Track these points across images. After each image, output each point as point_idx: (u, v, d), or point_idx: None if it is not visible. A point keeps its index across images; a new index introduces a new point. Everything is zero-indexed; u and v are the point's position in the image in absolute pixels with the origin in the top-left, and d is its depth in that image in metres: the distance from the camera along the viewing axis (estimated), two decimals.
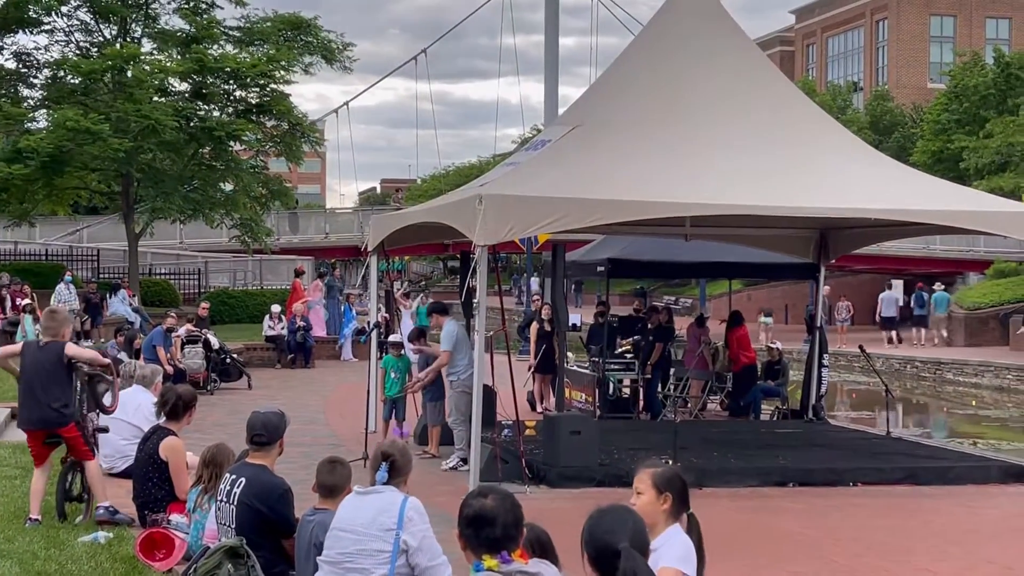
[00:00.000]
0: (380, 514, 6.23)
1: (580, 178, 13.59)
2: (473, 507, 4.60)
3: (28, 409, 9.74)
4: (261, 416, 7.47)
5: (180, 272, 40.89)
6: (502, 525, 4.55)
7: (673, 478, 5.38)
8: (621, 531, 4.36)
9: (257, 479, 7.26)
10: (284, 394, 22.70)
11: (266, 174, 36.38)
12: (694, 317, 22.53)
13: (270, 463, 7.45)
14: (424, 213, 16.25)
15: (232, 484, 7.29)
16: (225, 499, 7.29)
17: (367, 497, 6.36)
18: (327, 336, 30.86)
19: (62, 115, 28.96)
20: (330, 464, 6.96)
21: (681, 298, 59.60)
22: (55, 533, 9.33)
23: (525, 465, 13.50)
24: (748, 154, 13.95)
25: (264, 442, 7.41)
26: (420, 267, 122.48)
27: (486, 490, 4.69)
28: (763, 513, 12.50)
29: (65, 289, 28.65)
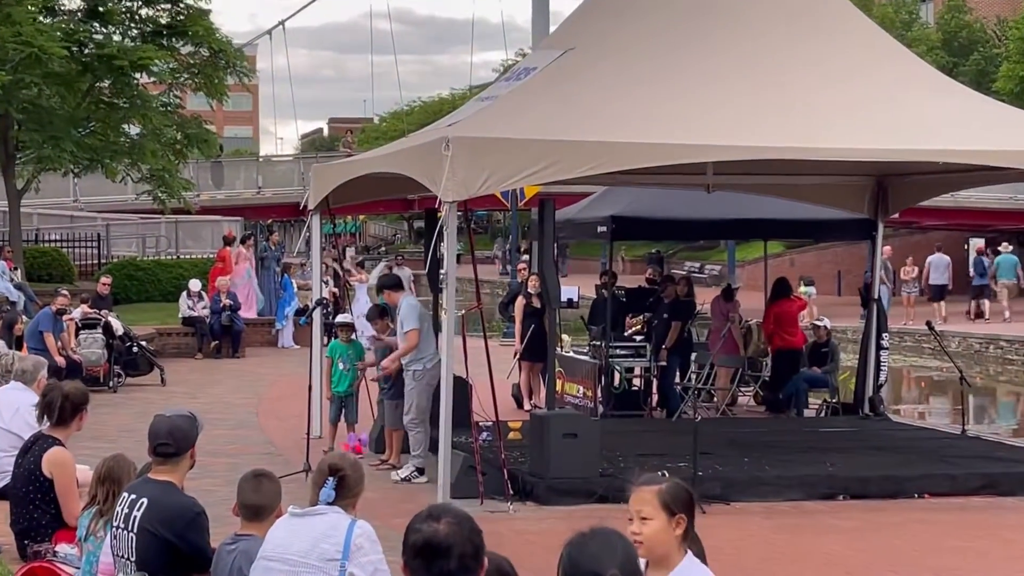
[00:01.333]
0: (321, 540, 6.24)
1: (574, 115, 13.59)
2: (422, 533, 4.57)
3: None
4: (166, 421, 7.46)
5: (75, 238, 40.74)
6: (458, 556, 4.53)
7: (681, 494, 5.37)
8: (609, 558, 4.38)
9: (162, 500, 7.25)
10: (207, 391, 22.70)
11: (182, 114, 36.21)
12: (720, 288, 22.56)
13: (178, 479, 7.44)
14: (379, 161, 16.22)
15: (131, 506, 7.28)
16: (123, 525, 7.27)
17: (305, 520, 6.37)
18: (260, 318, 30.85)
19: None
20: (255, 479, 6.95)
21: (706, 264, 59.78)
22: None
23: (507, 477, 13.52)
24: (785, 83, 13.95)
25: (170, 453, 7.39)
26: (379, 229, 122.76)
27: (438, 512, 4.65)
28: (806, 533, 12.55)
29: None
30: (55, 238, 40.76)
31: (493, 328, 28.78)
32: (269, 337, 30.42)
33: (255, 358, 28.15)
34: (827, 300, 43.65)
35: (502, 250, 74.84)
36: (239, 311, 28.99)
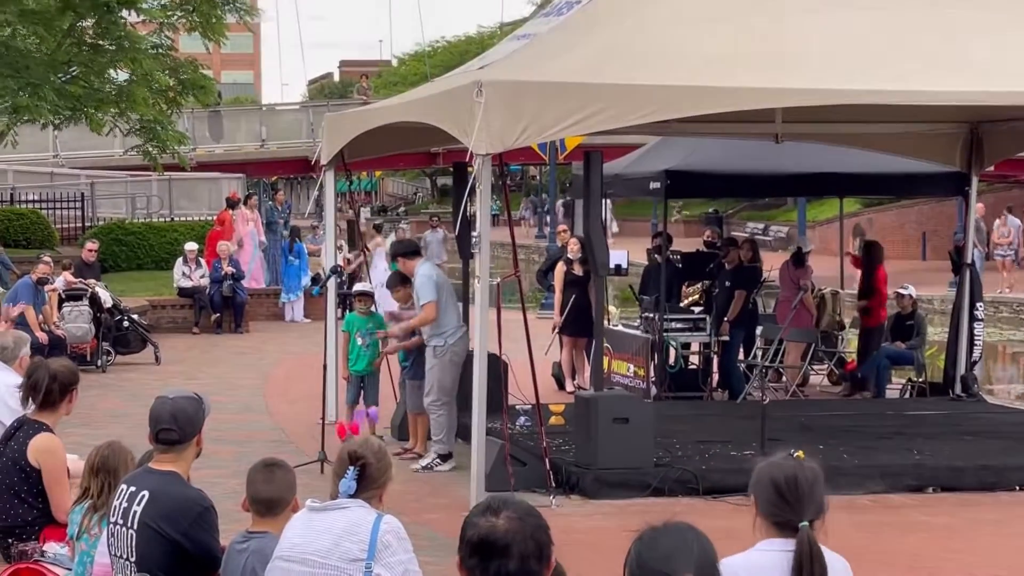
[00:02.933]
0: (344, 538, 6.27)
1: (625, 56, 13.57)
2: (480, 528, 4.59)
3: None
4: (169, 403, 7.48)
5: (56, 199, 40.95)
6: (519, 556, 4.56)
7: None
8: (683, 558, 4.39)
9: (165, 493, 7.28)
10: (207, 371, 22.82)
11: (175, 57, 36.27)
12: (789, 253, 22.53)
13: (183, 469, 7.46)
14: (400, 109, 16.23)
15: (130, 500, 7.30)
16: (121, 521, 7.31)
17: (325, 515, 6.40)
18: (265, 288, 30.94)
19: None
20: (266, 469, 6.97)
21: (771, 226, 59.64)
22: None
23: (549, 467, 13.56)
24: (865, 16, 13.88)
25: (174, 440, 7.42)
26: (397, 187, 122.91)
27: (498, 504, 4.67)
28: (890, 530, 12.54)
29: None
30: (33, 198, 40.95)
31: (530, 299, 28.84)
32: (275, 310, 30.53)
33: (260, 333, 28.27)
34: (911, 266, 43.49)
35: (529, 210, 74.90)
36: (242, 280, 29.03)
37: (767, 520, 5.45)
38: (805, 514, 5.30)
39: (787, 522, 5.34)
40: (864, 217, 52.15)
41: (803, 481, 5.34)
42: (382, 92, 64.98)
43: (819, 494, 5.35)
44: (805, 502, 5.32)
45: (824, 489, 5.39)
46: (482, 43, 74.49)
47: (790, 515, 5.34)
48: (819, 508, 5.35)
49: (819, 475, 5.40)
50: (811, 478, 5.35)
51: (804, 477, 5.35)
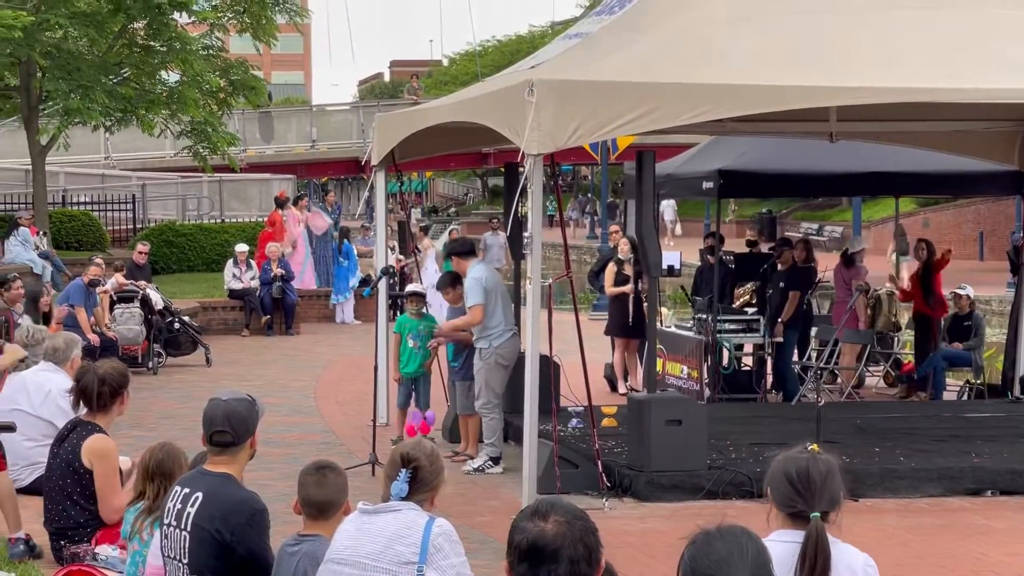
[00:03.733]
0: (395, 541, 6.29)
1: (677, 54, 13.56)
2: (528, 533, 4.59)
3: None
4: (223, 405, 7.50)
5: (107, 200, 41.19)
6: (568, 560, 4.55)
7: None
8: (738, 562, 4.37)
9: (219, 495, 7.30)
10: (257, 372, 22.87)
11: (226, 58, 36.43)
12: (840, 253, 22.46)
13: (237, 471, 7.48)
14: (451, 110, 16.23)
15: (184, 502, 7.33)
16: (175, 523, 7.34)
17: (377, 518, 6.41)
18: (316, 289, 31.01)
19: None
20: (318, 472, 6.99)
21: (827, 225, 59.37)
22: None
23: (601, 470, 13.54)
24: (919, 16, 13.81)
25: (228, 442, 7.44)
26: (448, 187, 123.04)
27: (547, 508, 4.66)
28: (948, 534, 12.47)
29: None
30: (85, 200, 41.19)
31: (583, 300, 28.80)
32: (326, 311, 30.59)
33: (311, 335, 28.32)
34: (968, 265, 43.20)
35: (577, 211, 74.82)
36: (292, 281, 29.11)
37: (781, 511, 5.57)
38: (817, 505, 5.44)
39: (799, 513, 5.48)
40: (920, 217, 51.91)
41: (815, 473, 5.47)
42: (433, 92, 65.09)
43: (833, 486, 5.49)
44: (817, 494, 5.45)
45: (840, 482, 5.52)
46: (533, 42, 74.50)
47: (802, 506, 5.47)
48: (832, 500, 5.49)
49: (833, 468, 5.53)
50: (824, 471, 5.50)
51: (817, 470, 5.48)
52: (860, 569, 5.58)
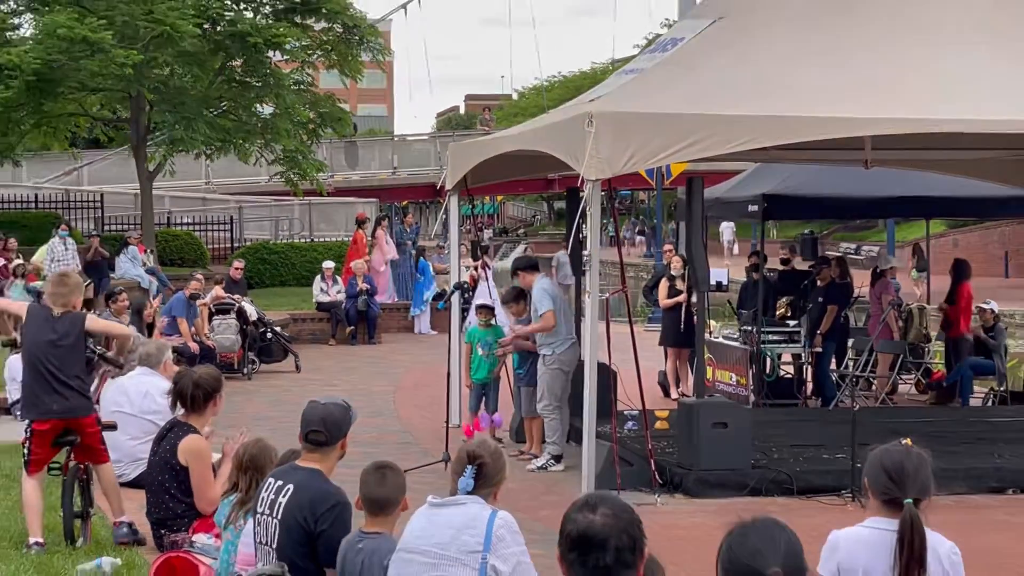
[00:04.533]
0: (462, 532, 6.28)
1: (724, 88, 13.50)
2: (578, 524, 4.59)
3: (47, 395, 10.01)
4: (320, 408, 7.52)
5: (207, 221, 41.47)
6: (614, 549, 4.54)
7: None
8: (771, 553, 4.34)
9: (308, 487, 7.32)
10: (342, 378, 22.93)
11: (315, 92, 36.63)
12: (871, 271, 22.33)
13: (327, 468, 7.50)
14: (518, 139, 16.25)
15: (277, 492, 7.36)
16: (268, 511, 7.36)
17: (445, 510, 6.41)
18: (396, 303, 31.10)
19: (51, 21, 29.39)
20: (378, 472, 6.97)
21: (864, 245, 59.02)
22: (47, 559, 9.56)
23: (654, 468, 13.50)
24: (953, 52, 13.72)
25: (322, 442, 7.46)
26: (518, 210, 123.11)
27: (595, 501, 4.66)
28: (972, 529, 12.31)
29: (60, 245, 29.18)
30: (187, 221, 41.49)
31: (638, 313, 28.74)
32: (405, 323, 30.65)
33: (391, 344, 28.35)
34: (994, 283, 42.89)
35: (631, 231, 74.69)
36: (375, 295, 29.21)
37: (877, 499, 5.55)
38: (909, 492, 5.42)
39: (894, 500, 5.45)
40: (949, 238, 51.53)
41: (908, 464, 5.47)
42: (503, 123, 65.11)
43: (924, 476, 5.48)
44: (909, 482, 5.44)
45: (930, 474, 5.51)
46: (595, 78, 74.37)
47: (896, 493, 5.45)
48: (923, 488, 5.47)
49: (925, 460, 5.53)
50: (916, 462, 5.50)
51: (910, 460, 5.49)
52: (945, 556, 5.55)
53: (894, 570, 5.41)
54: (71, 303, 10.33)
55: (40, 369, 10.05)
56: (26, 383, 10.25)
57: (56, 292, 10.38)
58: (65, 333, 10.10)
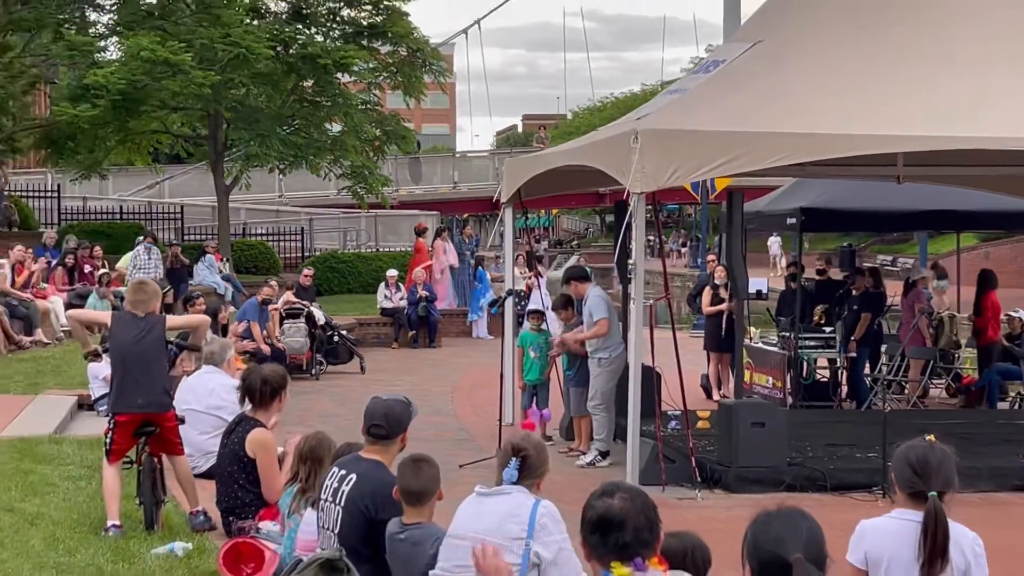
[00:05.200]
0: (506, 520, 6.29)
1: (762, 107, 13.48)
2: (597, 508, 4.65)
3: (132, 390, 10.13)
4: (383, 404, 7.57)
5: (280, 232, 41.65)
6: (633, 528, 4.59)
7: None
8: (793, 540, 4.35)
9: (370, 477, 7.36)
10: (404, 379, 22.97)
11: (381, 112, 36.76)
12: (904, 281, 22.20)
13: (388, 460, 7.54)
14: (567, 155, 16.27)
15: (340, 481, 7.41)
16: (331, 498, 7.41)
17: (490, 499, 6.43)
18: (455, 308, 31.15)
19: (135, 43, 29.64)
20: (414, 464, 6.96)
21: (899, 257, 58.66)
22: (124, 543, 9.64)
23: (695, 465, 13.47)
24: (978, 73, 13.66)
25: (383, 435, 7.51)
26: (571, 223, 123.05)
27: (612, 488, 4.74)
28: (997, 525, 12.19)
29: (144, 254, 29.38)
30: (261, 232, 41.69)
31: (683, 320, 28.66)
32: (464, 327, 30.69)
33: (450, 348, 28.38)
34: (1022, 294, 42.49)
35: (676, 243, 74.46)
36: (435, 302, 29.29)
37: (903, 492, 5.53)
38: (933, 485, 5.40)
39: (919, 492, 5.43)
40: (980, 251, 51.09)
41: (932, 458, 5.45)
42: (557, 141, 65.04)
43: (947, 470, 5.46)
44: (933, 475, 5.41)
45: (953, 468, 5.49)
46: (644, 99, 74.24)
47: (921, 486, 5.43)
48: (946, 482, 5.44)
49: (948, 455, 5.51)
50: (940, 457, 5.48)
51: (933, 455, 5.47)
52: (968, 547, 5.53)
53: (918, 559, 5.40)
54: (151, 308, 10.48)
55: (126, 367, 10.17)
56: (114, 380, 10.36)
57: (136, 299, 10.53)
58: (148, 334, 10.23)
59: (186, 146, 42.45)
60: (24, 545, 9.49)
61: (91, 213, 41.02)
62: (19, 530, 9.95)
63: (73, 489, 11.57)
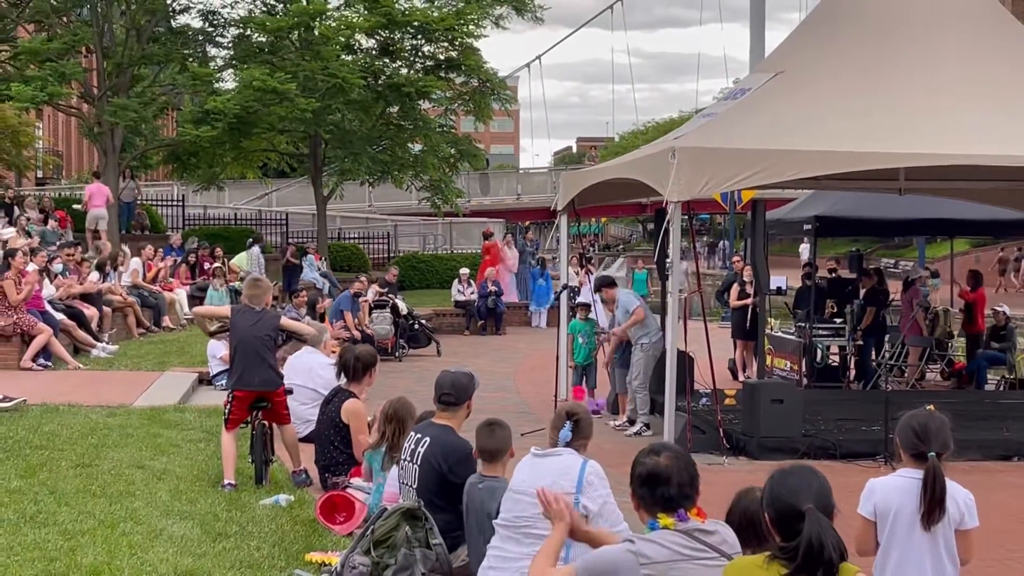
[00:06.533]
0: (560, 477, 6.32)
1: (782, 128, 13.41)
2: (646, 465, 4.67)
3: (250, 371, 10.23)
4: (450, 375, 7.64)
5: (369, 236, 41.85)
6: (677, 484, 4.61)
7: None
8: (806, 492, 4.36)
9: (441, 439, 7.43)
10: (474, 361, 22.98)
11: (455, 134, 36.85)
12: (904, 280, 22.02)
13: (456, 425, 7.61)
14: (615, 169, 16.25)
15: (416, 443, 7.49)
16: (409, 458, 7.48)
17: (545, 460, 6.46)
18: (518, 301, 31.19)
19: (248, 75, 29.89)
20: (488, 428, 7.03)
21: (901, 261, 58.12)
22: (236, 495, 9.74)
23: (723, 435, 13.43)
24: (969, 99, 13.51)
25: (452, 402, 7.57)
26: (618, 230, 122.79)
27: (659, 447, 4.76)
28: (983, 488, 12.00)
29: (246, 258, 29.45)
30: (354, 236, 41.92)
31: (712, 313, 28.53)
32: (526, 318, 30.72)
33: (514, 335, 28.40)
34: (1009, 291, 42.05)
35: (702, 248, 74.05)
36: (502, 295, 29.37)
37: (907, 453, 5.53)
38: (933, 447, 5.41)
39: (920, 454, 5.44)
40: (972, 255, 50.53)
41: (932, 424, 5.47)
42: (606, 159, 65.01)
43: (945, 435, 5.47)
44: (932, 439, 5.42)
45: (950, 433, 5.52)
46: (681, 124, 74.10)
47: (922, 447, 5.44)
48: (944, 445, 5.47)
49: (945, 422, 5.53)
50: (939, 423, 5.51)
51: (933, 421, 5.49)
52: (962, 501, 5.55)
53: (920, 510, 5.42)
54: (264, 301, 10.59)
55: (245, 351, 10.24)
56: (233, 361, 10.44)
57: (252, 294, 10.61)
58: (264, 325, 10.29)
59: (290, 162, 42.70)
60: (153, 496, 9.61)
61: (210, 219, 41.39)
62: (148, 483, 10.08)
63: (194, 450, 11.69)
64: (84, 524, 8.53)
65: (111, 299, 21.15)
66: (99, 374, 16.92)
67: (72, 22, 31.86)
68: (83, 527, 8.44)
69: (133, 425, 12.75)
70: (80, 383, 15.68)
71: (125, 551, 7.88)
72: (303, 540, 8.41)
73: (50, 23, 31.46)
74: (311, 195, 36.35)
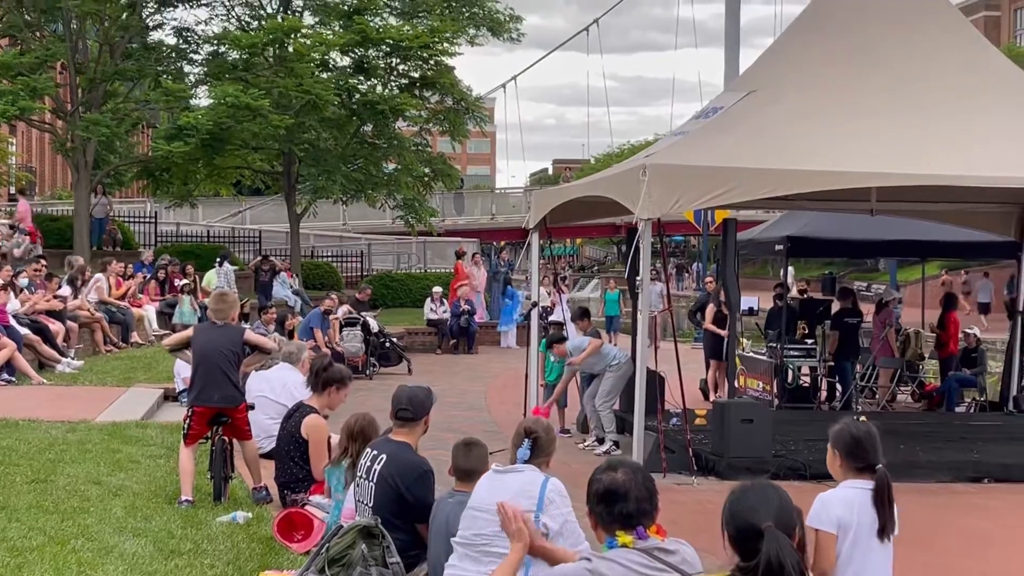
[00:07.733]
0: (519, 495, 6.13)
1: (754, 146, 13.29)
2: (603, 481, 4.50)
3: (210, 387, 10.03)
4: (408, 390, 7.47)
5: (343, 255, 41.66)
6: (635, 499, 4.44)
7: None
8: (765, 509, 4.19)
9: (398, 456, 7.24)
10: (445, 380, 22.81)
11: (430, 153, 36.71)
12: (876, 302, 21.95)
13: (413, 441, 7.43)
14: (586, 186, 16.10)
15: (372, 460, 7.30)
16: (364, 475, 7.30)
17: (506, 476, 6.28)
18: (491, 321, 31.01)
19: (222, 91, 29.66)
20: (465, 447, 6.90)
21: (874, 284, 58.19)
22: (193, 512, 9.53)
23: (692, 455, 13.25)
24: (941, 120, 13.43)
25: (409, 417, 7.40)
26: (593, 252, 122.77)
27: (616, 463, 4.59)
28: (952, 510, 12.02)
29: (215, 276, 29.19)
30: (327, 254, 41.73)
31: (686, 334, 28.41)
32: (495, 337, 30.56)
33: (486, 354, 28.24)
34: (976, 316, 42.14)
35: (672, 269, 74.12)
36: (475, 315, 29.20)
37: (850, 466, 5.42)
38: (880, 458, 5.38)
39: (868, 466, 5.36)
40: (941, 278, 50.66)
41: (874, 435, 5.41)
42: None
43: (879, 443, 5.46)
44: (879, 450, 5.39)
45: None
46: None
47: (870, 459, 5.36)
48: (881, 454, 5.44)
49: (875, 429, 5.50)
50: (875, 432, 5.48)
51: (873, 433, 5.43)
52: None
53: (874, 524, 5.34)
54: (230, 315, 10.39)
55: (207, 366, 10.05)
56: (196, 376, 10.23)
57: (217, 308, 10.44)
58: (227, 340, 10.10)
59: (264, 180, 42.47)
60: (107, 512, 9.38)
61: (183, 236, 41.15)
62: (104, 499, 9.85)
63: (153, 466, 11.47)
64: (33, 540, 8.29)
65: (78, 315, 20.88)
66: (63, 389, 16.66)
67: (45, 37, 31.61)
68: (32, 543, 8.20)
69: (93, 440, 12.51)
70: (43, 399, 15.43)
71: (74, 568, 7.66)
72: (258, 558, 8.20)
73: (23, 38, 31.21)
74: (284, 213, 36.12)
